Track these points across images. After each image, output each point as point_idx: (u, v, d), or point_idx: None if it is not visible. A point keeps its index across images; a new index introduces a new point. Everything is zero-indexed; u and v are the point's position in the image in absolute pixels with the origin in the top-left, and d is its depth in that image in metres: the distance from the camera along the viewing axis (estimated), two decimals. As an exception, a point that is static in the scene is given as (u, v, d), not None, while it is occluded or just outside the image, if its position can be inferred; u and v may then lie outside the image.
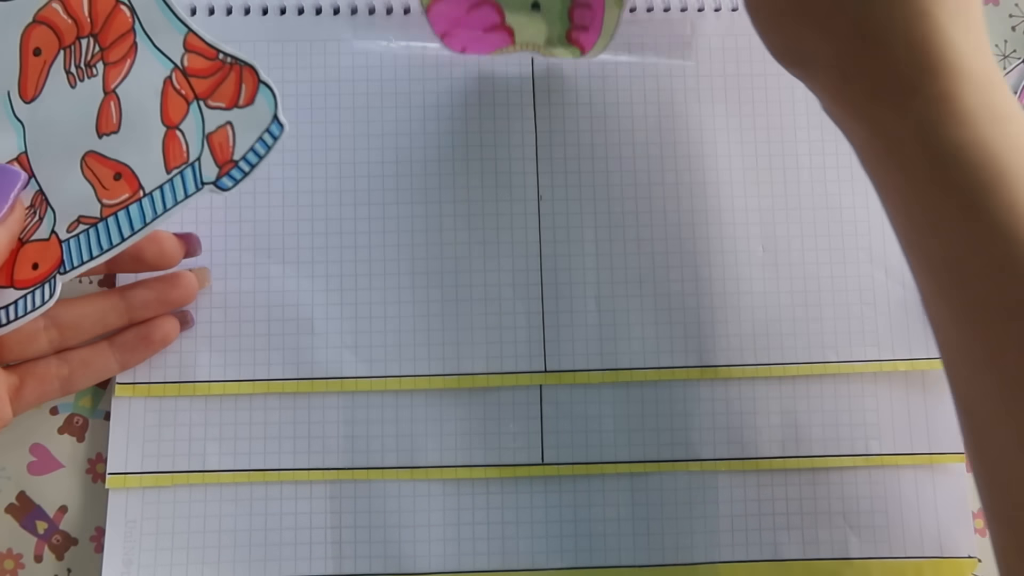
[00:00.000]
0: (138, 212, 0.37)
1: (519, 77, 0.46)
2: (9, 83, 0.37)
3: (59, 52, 0.37)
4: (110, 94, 0.37)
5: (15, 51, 0.37)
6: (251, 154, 0.37)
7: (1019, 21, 0.49)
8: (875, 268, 0.45)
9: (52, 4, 0.37)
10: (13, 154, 0.37)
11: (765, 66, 0.46)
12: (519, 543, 0.43)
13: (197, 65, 0.37)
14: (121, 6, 0.37)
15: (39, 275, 0.37)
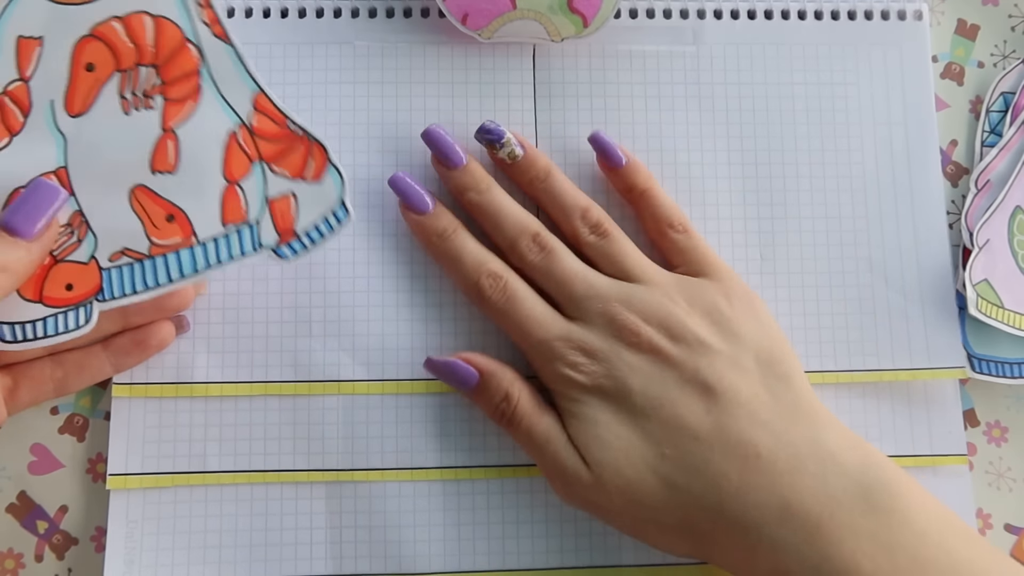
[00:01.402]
0: (190, 259, 0.37)
1: (520, 83, 0.46)
2: (54, 92, 0.36)
3: (114, 74, 0.36)
4: (168, 132, 0.37)
5: (66, 61, 0.36)
6: (315, 231, 0.38)
7: (1019, 21, 0.49)
8: (875, 278, 0.45)
9: (112, 22, 0.36)
10: (51, 166, 0.36)
11: (766, 74, 0.46)
12: (519, 543, 0.43)
13: (265, 127, 0.37)
14: (189, 46, 0.37)
15: (73, 297, 0.36)
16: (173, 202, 0.37)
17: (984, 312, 0.44)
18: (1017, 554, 0.44)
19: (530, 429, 0.39)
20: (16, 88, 0.35)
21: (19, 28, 0.35)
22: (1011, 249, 0.46)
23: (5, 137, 0.35)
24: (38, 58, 0.35)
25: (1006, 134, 0.47)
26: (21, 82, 0.35)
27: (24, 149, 0.36)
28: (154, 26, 0.36)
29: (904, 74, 0.47)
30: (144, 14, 0.36)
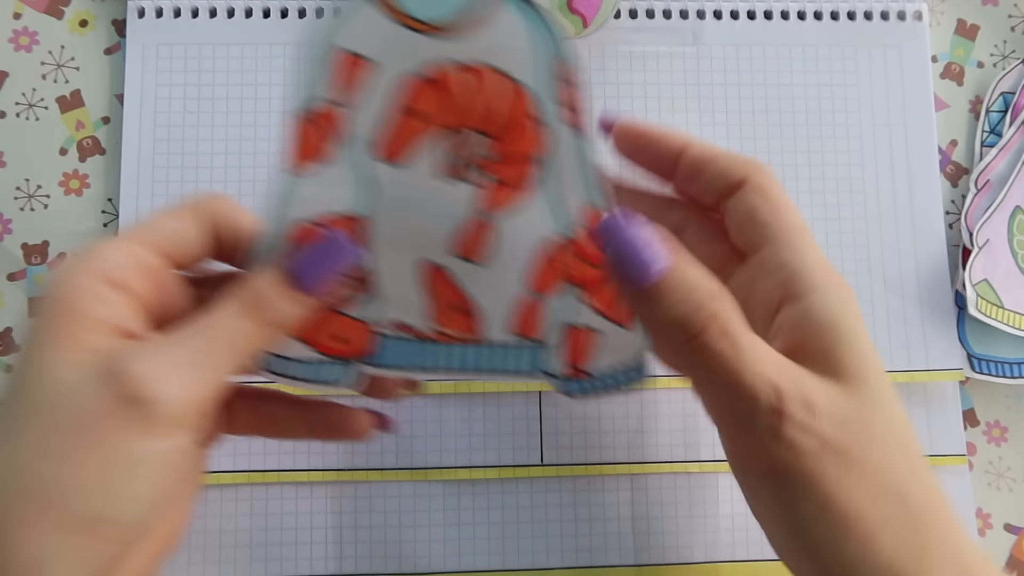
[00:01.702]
0: (469, 357, 0.33)
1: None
2: (373, 129, 0.30)
3: (444, 130, 0.30)
4: (483, 216, 0.31)
5: (392, 99, 0.30)
6: (609, 379, 0.33)
7: (1019, 21, 0.49)
8: (874, 280, 0.45)
9: (460, 68, 0.29)
10: (351, 209, 0.31)
11: (765, 75, 0.46)
12: (519, 543, 0.43)
13: (589, 248, 0.31)
14: (535, 124, 0.30)
15: (343, 350, 0.33)
16: (467, 293, 0.32)
17: (984, 312, 0.44)
18: (1017, 554, 0.44)
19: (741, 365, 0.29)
20: (326, 112, 0.30)
21: (348, 42, 0.29)
22: (1011, 249, 0.46)
23: (311, 164, 0.30)
24: (365, 85, 0.30)
25: (1006, 134, 0.47)
26: (334, 105, 0.30)
27: (328, 182, 0.30)
28: (505, 91, 0.30)
29: (904, 74, 0.47)
30: (499, 73, 0.29)
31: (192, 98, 0.45)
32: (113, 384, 0.27)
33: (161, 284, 0.31)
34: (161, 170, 0.44)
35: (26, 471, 0.27)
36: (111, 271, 0.29)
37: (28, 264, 0.44)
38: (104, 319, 0.28)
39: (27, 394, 0.28)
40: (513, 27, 0.29)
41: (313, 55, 0.29)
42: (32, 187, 0.45)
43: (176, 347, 0.28)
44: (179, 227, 0.31)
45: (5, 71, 0.46)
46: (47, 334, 0.28)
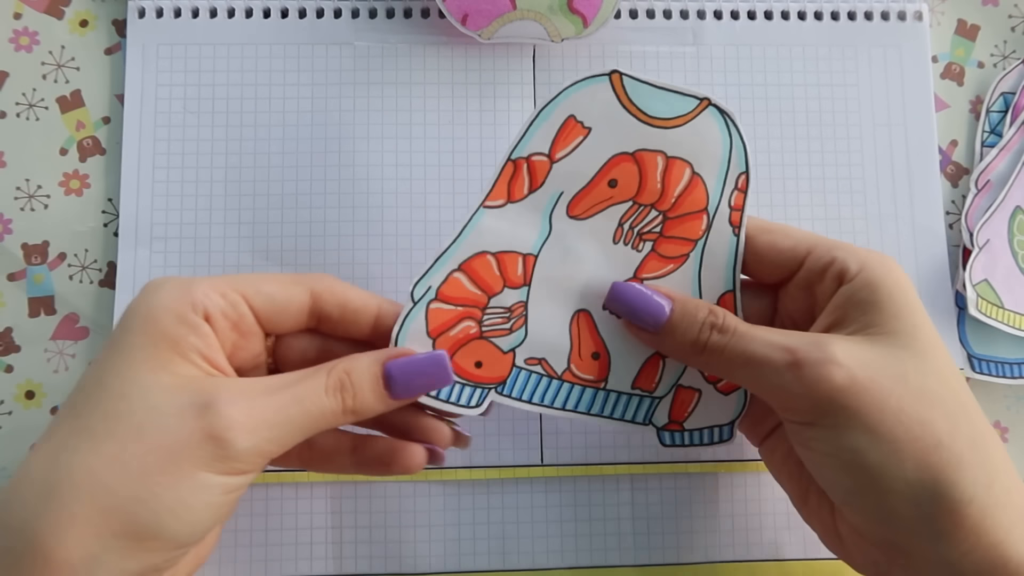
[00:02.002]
0: (589, 400, 0.37)
1: (520, 83, 0.46)
2: (570, 186, 0.35)
3: (628, 201, 0.35)
4: (637, 279, 0.36)
5: (597, 166, 0.35)
6: (700, 434, 0.38)
7: (1019, 21, 0.49)
8: (874, 278, 0.45)
9: (658, 156, 0.35)
10: (524, 249, 0.35)
11: (765, 75, 0.46)
12: (519, 543, 0.43)
13: None
14: (703, 215, 0.36)
15: (477, 376, 0.36)
16: (606, 343, 0.36)
17: (984, 312, 0.44)
18: (1016, 554, 0.44)
19: (748, 345, 0.33)
20: (539, 162, 0.35)
21: (576, 109, 0.34)
22: (1011, 249, 0.46)
23: (503, 199, 0.35)
24: (576, 146, 0.35)
25: (1006, 134, 0.47)
26: (546, 158, 0.35)
27: (512, 219, 0.35)
28: (688, 181, 0.35)
29: (904, 74, 0.47)
30: (688, 165, 0.35)
31: (192, 98, 0.45)
32: (205, 421, 0.29)
33: (243, 334, 0.33)
34: (161, 170, 0.44)
35: (97, 477, 0.28)
36: (203, 303, 0.32)
37: (28, 264, 0.44)
38: (194, 347, 0.31)
39: (110, 404, 0.30)
40: (710, 129, 0.35)
41: (546, 112, 0.34)
42: (32, 187, 0.45)
43: (266, 402, 0.31)
44: (278, 292, 0.34)
45: (5, 71, 0.46)
46: (138, 349, 0.30)
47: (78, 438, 0.29)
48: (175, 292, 0.32)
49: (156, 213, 0.44)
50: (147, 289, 0.32)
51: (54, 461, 0.29)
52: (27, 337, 0.44)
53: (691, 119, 0.35)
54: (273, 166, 0.45)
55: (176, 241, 0.44)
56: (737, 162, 0.36)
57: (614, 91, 0.34)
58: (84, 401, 0.30)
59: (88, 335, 0.44)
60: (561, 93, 0.34)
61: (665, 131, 0.35)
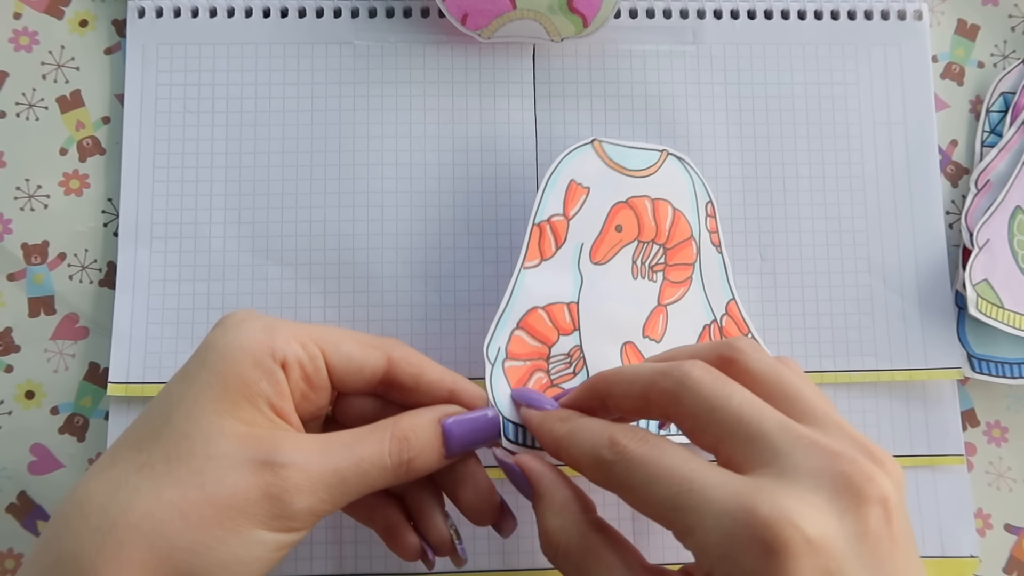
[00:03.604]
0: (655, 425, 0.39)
1: (520, 83, 0.46)
2: (586, 237, 0.40)
3: (634, 241, 0.41)
4: (661, 306, 0.41)
5: (603, 216, 0.40)
6: None
7: (1019, 21, 0.49)
8: (873, 278, 0.45)
9: (645, 200, 0.41)
10: (567, 298, 0.40)
11: (765, 74, 0.46)
12: (519, 543, 0.43)
13: (731, 331, 0.43)
14: (692, 242, 0.42)
15: None
16: None
17: (984, 312, 0.44)
18: (1017, 554, 0.44)
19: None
20: (558, 221, 0.40)
21: (574, 174, 0.40)
22: (1011, 249, 0.46)
23: (537, 259, 0.39)
24: (582, 204, 0.40)
25: (1006, 134, 0.47)
26: (563, 218, 0.40)
27: (549, 274, 0.40)
28: (673, 216, 0.42)
29: (904, 74, 0.47)
30: (669, 204, 0.42)
31: (192, 98, 0.45)
32: (264, 479, 0.29)
33: (314, 387, 0.34)
34: (161, 170, 0.44)
35: (156, 522, 0.28)
36: (284, 351, 0.32)
37: (28, 264, 0.44)
38: (265, 393, 0.31)
39: (173, 444, 0.30)
40: (675, 173, 0.42)
41: (551, 181, 0.40)
42: (32, 187, 0.45)
43: (326, 462, 0.31)
44: (357, 352, 0.34)
45: (5, 71, 0.46)
46: (209, 388, 0.31)
47: (139, 475, 0.29)
48: (257, 334, 0.32)
49: (156, 213, 0.44)
50: (228, 324, 0.32)
51: (114, 496, 0.29)
52: (27, 337, 0.44)
53: (660, 167, 0.42)
54: (273, 165, 0.45)
55: (176, 241, 0.44)
56: (702, 194, 0.43)
57: (598, 155, 0.41)
58: (148, 434, 0.30)
59: (88, 335, 0.44)
60: (559, 164, 0.40)
61: (644, 179, 0.41)
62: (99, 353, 0.44)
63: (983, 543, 0.44)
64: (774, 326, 0.45)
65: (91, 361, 0.44)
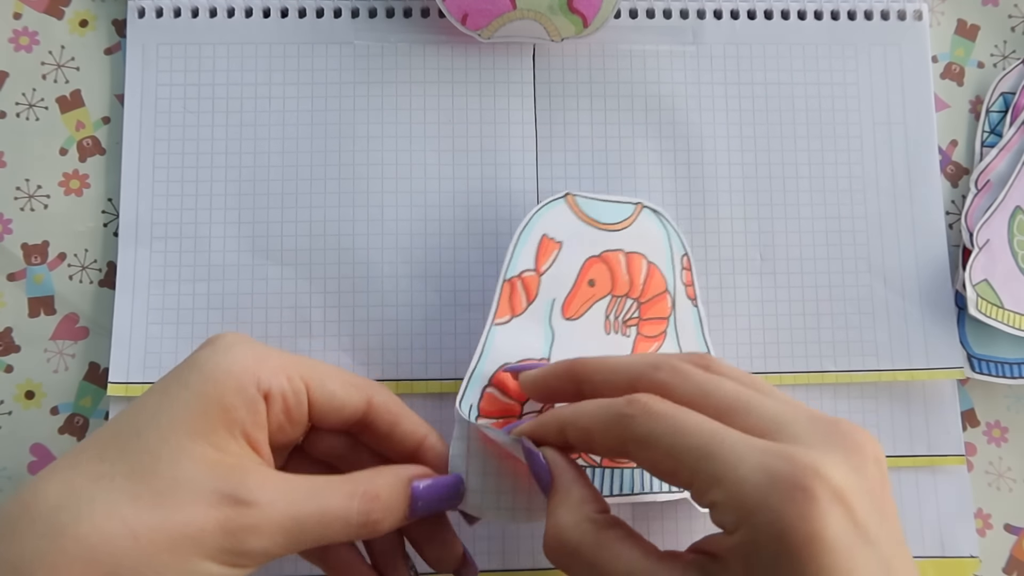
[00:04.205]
0: (630, 480, 0.39)
1: (520, 82, 0.46)
2: (559, 292, 0.39)
3: (607, 296, 0.40)
4: None
5: (575, 271, 0.40)
6: None
7: (1019, 21, 0.49)
8: (874, 278, 0.45)
9: (619, 254, 0.41)
10: (538, 354, 0.39)
11: (766, 74, 0.46)
12: (519, 543, 0.43)
13: None
14: (667, 295, 0.41)
15: None
16: None
17: (984, 312, 0.44)
18: (1017, 554, 0.44)
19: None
20: (529, 277, 0.39)
21: (547, 228, 0.40)
22: (1011, 249, 0.46)
23: (508, 315, 0.39)
24: (554, 259, 0.40)
25: (1006, 134, 0.47)
26: (535, 273, 0.39)
27: (520, 331, 0.39)
28: (647, 270, 0.41)
29: (904, 74, 0.47)
30: (643, 257, 0.41)
31: (192, 98, 0.45)
32: (224, 514, 0.29)
33: (292, 421, 0.33)
34: (161, 170, 0.44)
35: (106, 538, 0.27)
36: (269, 383, 0.32)
37: (28, 264, 0.44)
38: (241, 421, 0.31)
39: (138, 459, 0.29)
40: (650, 225, 0.42)
41: (524, 235, 0.39)
42: (32, 187, 0.45)
43: (287, 508, 0.30)
44: (339, 392, 0.34)
45: (5, 71, 0.46)
46: (186, 408, 0.30)
47: (96, 486, 0.28)
48: (246, 361, 0.32)
49: (156, 213, 0.44)
50: (217, 345, 0.32)
51: (65, 504, 0.28)
52: (27, 337, 0.44)
53: (634, 220, 0.41)
54: (273, 165, 0.44)
55: (176, 240, 0.44)
56: (677, 247, 0.42)
57: (571, 209, 0.40)
58: (114, 445, 0.30)
59: (88, 335, 0.44)
60: (532, 218, 0.39)
61: (618, 233, 0.41)
62: (99, 353, 0.44)
63: (983, 543, 0.44)
64: (774, 326, 0.44)
65: (91, 361, 0.44)
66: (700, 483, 0.28)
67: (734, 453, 0.27)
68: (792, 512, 0.26)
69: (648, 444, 0.29)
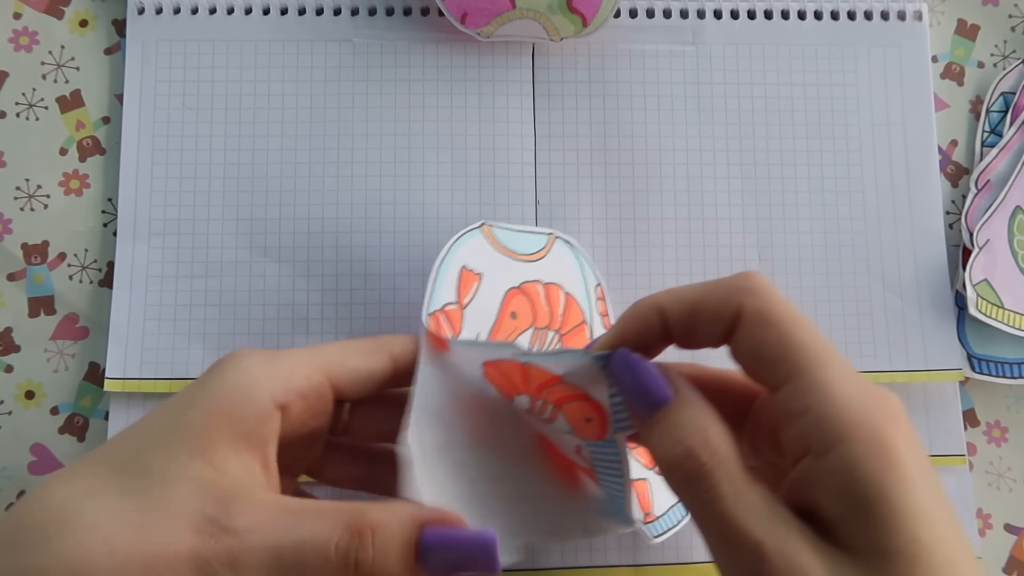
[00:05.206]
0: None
1: (519, 81, 0.46)
2: (482, 325, 0.37)
3: (530, 328, 0.39)
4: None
5: (497, 303, 0.38)
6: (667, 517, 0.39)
7: (1019, 21, 0.49)
8: (872, 279, 0.45)
9: (537, 285, 0.39)
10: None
11: (764, 74, 0.46)
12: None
13: None
14: (585, 326, 0.41)
15: None
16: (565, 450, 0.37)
17: (984, 312, 0.44)
18: (1017, 554, 0.44)
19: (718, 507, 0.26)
20: (452, 311, 0.37)
21: (465, 260, 0.38)
22: (1011, 249, 0.46)
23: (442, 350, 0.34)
24: (475, 291, 0.37)
25: (1006, 134, 0.47)
26: (457, 307, 0.37)
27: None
28: (565, 301, 0.40)
29: (903, 74, 0.47)
30: (560, 288, 0.40)
31: (192, 95, 0.45)
32: (206, 541, 0.27)
33: (314, 411, 0.32)
34: (160, 166, 0.44)
35: (86, 559, 0.27)
36: (284, 391, 0.31)
37: (28, 264, 0.44)
38: (247, 437, 0.29)
39: (131, 479, 0.28)
40: (563, 255, 0.41)
41: (443, 269, 0.36)
42: (32, 187, 0.45)
43: (268, 536, 0.27)
44: (362, 364, 0.33)
45: (5, 71, 0.46)
46: (190, 427, 0.29)
47: (88, 502, 0.28)
48: (257, 372, 0.30)
49: (155, 209, 0.44)
50: (226, 363, 0.31)
51: (57, 516, 0.28)
52: (27, 337, 0.44)
53: (548, 251, 0.41)
54: (272, 163, 0.45)
55: (174, 237, 0.44)
56: (591, 277, 0.42)
57: (487, 239, 0.39)
58: (112, 463, 0.29)
59: (88, 335, 0.44)
60: (449, 250, 0.37)
61: (534, 264, 0.40)
62: (99, 353, 0.44)
63: (983, 543, 0.44)
64: (773, 326, 0.44)
65: (91, 361, 0.44)
66: (802, 385, 0.26)
67: (843, 368, 0.26)
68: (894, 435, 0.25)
69: (765, 322, 0.27)
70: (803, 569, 0.24)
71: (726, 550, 0.26)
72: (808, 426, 0.26)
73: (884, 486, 0.24)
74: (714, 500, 0.26)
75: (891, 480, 0.24)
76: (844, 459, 0.25)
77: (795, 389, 0.26)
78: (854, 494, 0.24)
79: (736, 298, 0.28)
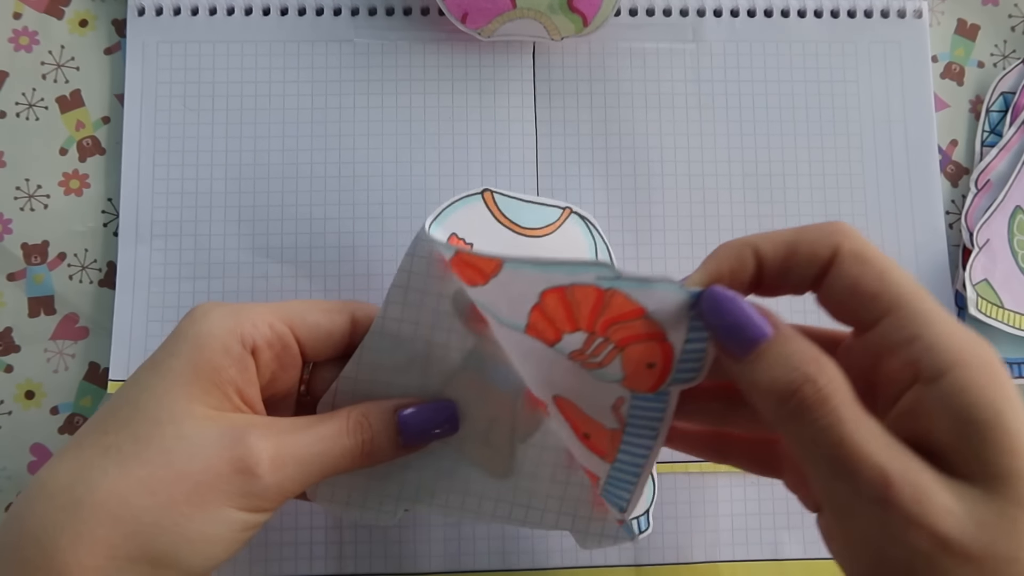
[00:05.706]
0: None
1: (520, 80, 0.46)
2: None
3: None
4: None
5: None
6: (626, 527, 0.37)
7: (1019, 21, 0.49)
8: (874, 275, 0.45)
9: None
10: None
11: (765, 72, 0.46)
12: (519, 543, 0.43)
13: None
14: None
15: None
16: None
17: (984, 312, 0.44)
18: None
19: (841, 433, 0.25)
20: None
21: (457, 226, 0.36)
22: (1011, 249, 0.46)
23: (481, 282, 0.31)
24: None
25: (1006, 134, 0.47)
26: None
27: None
28: None
29: (903, 72, 0.47)
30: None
31: (192, 96, 0.45)
32: (235, 454, 0.30)
33: (284, 366, 0.34)
34: (161, 168, 0.44)
35: (123, 500, 0.28)
36: (252, 336, 0.32)
37: (28, 264, 0.44)
38: (232, 380, 0.31)
39: (142, 427, 0.30)
40: (576, 234, 0.39)
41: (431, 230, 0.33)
42: (32, 187, 0.45)
43: (292, 440, 0.31)
44: (323, 320, 0.34)
45: (5, 71, 0.46)
46: (178, 375, 0.31)
47: (106, 457, 0.29)
48: (225, 321, 0.32)
49: (156, 211, 0.44)
50: (195, 314, 0.32)
51: (79, 476, 0.29)
52: (27, 337, 0.44)
53: (560, 226, 0.39)
54: (273, 163, 0.45)
55: (176, 239, 0.44)
56: (604, 258, 0.40)
57: (487, 207, 0.37)
58: (115, 419, 0.30)
59: (88, 335, 0.44)
60: (443, 211, 0.36)
61: (539, 239, 0.38)
62: (99, 353, 0.44)
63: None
64: (774, 325, 0.44)
65: (91, 361, 0.44)
66: (908, 315, 0.26)
67: (939, 306, 0.27)
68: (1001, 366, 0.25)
69: (864, 260, 0.28)
70: (928, 494, 0.24)
71: (845, 477, 0.25)
72: (919, 352, 0.26)
73: (1001, 410, 0.24)
74: (833, 424, 0.25)
75: (1007, 405, 0.24)
76: (959, 382, 0.25)
77: (899, 319, 0.26)
78: (970, 419, 0.24)
79: (833, 239, 0.28)
